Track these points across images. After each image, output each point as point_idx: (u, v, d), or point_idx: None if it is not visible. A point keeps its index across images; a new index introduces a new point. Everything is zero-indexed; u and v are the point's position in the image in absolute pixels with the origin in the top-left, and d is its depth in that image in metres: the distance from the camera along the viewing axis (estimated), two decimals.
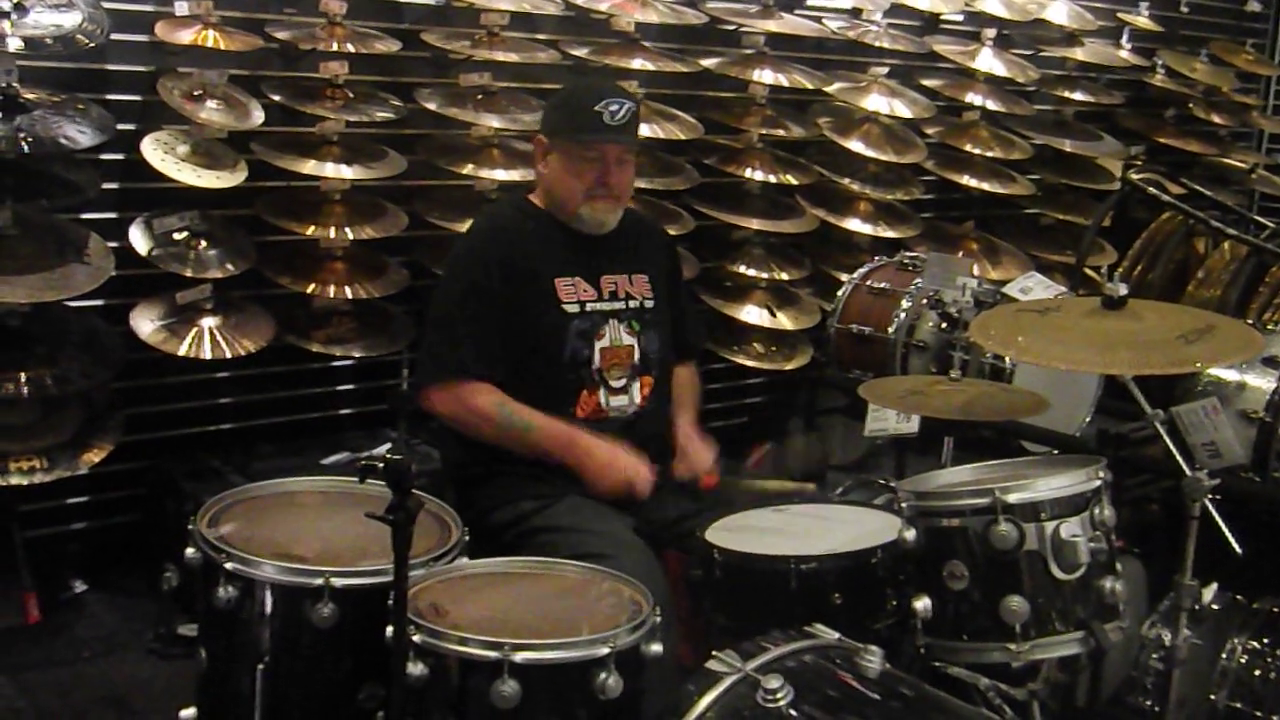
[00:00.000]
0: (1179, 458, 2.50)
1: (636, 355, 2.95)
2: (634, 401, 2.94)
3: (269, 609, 2.25)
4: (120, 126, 3.49)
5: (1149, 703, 2.99)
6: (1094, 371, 3.51)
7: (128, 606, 3.58)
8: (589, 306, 2.91)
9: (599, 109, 2.83)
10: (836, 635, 2.15)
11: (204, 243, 3.60)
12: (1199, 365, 2.64)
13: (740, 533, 2.63)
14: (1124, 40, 5.84)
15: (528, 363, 2.84)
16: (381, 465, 1.94)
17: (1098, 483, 2.40)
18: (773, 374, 4.71)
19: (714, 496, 2.93)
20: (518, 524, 2.77)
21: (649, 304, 3.00)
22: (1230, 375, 3.39)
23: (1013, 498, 2.32)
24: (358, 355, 3.89)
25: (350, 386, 4.18)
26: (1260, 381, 3.37)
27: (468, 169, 3.96)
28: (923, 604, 2.36)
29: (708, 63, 4.51)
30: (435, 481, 3.32)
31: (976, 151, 5.08)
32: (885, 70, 4.92)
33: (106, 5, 3.44)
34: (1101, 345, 2.36)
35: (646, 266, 3.04)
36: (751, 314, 4.60)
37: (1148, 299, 3.71)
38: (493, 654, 2.02)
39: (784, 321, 4.62)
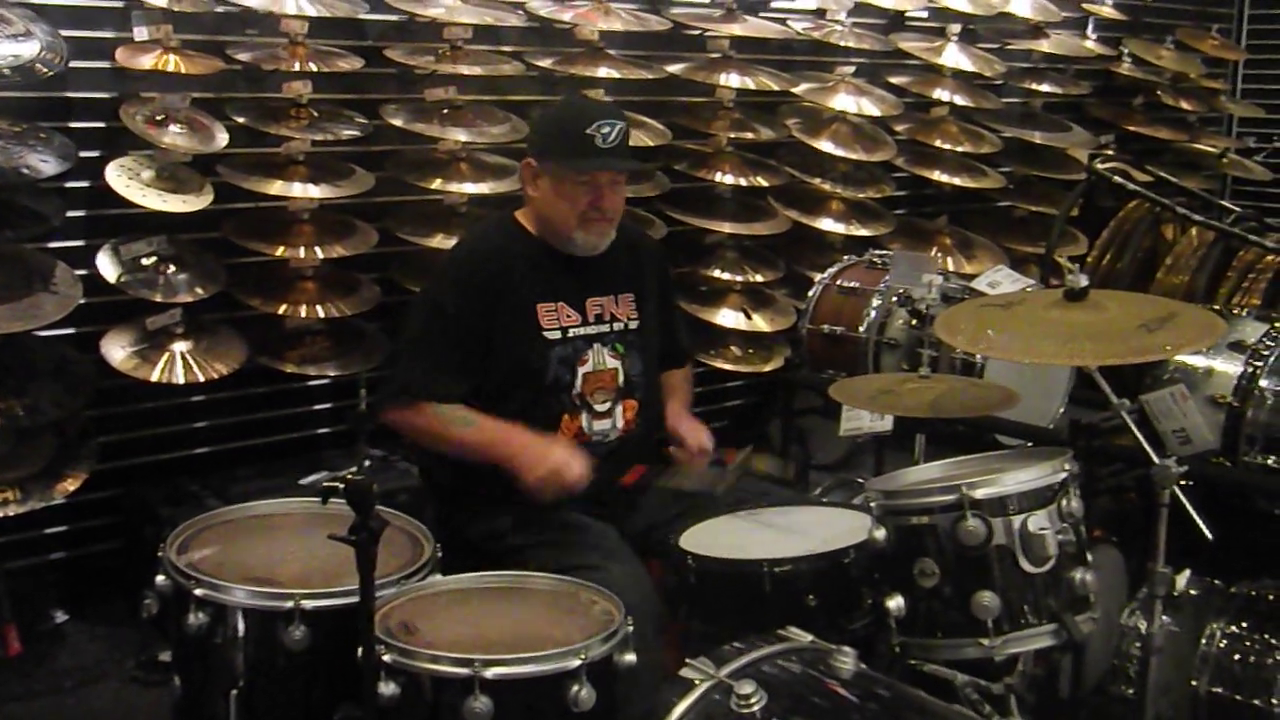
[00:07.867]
0: (1146, 446, 2.51)
1: (620, 378, 2.92)
2: (617, 426, 2.91)
3: (241, 634, 2.25)
4: (84, 154, 3.47)
5: (1131, 691, 3.01)
6: (1057, 363, 3.52)
7: (109, 635, 3.56)
8: (571, 331, 2.87)
9: (590, 132, 2.75)
10: (810, 638, 2.16)
11: (173, 267, 3.59)
12: (1163, 352, 2.65)
13: (713, 538, 2.64)
14: (1089, 30, 5.87)
15: (509, 387, 2.80)
16: (342, 486, 1.95)
17: (1064, 475, 2.40)
18: (751, 376, 4.71)
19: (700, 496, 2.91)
20: (500, 539, 2.76)
21: (633, 325, 2.96)
22: (1197, 361, 3.41)
23: (980, 493, 2.32)
24: (332, 374, 3.88)
25: (326, 405, 4.17)
26: (1227, 367, 3.38)
27: (436, 184, 3.96)
28: (895, 603, 2.37)
29: (674, 69, 4.52)
30: (415, 498, 3.33)
31: (946, 147, 5.10)
32: (852, 69, 4.93)
33: (65, 33, 3.42)
34: (1064, 337, 2.37)
35: (634, 285, 2.99)
36: (727, 317, 4.61)
37: (1117, 287, 3.74)
38: (464, 671, 2.03)
39: (760, 323, 4.63)
